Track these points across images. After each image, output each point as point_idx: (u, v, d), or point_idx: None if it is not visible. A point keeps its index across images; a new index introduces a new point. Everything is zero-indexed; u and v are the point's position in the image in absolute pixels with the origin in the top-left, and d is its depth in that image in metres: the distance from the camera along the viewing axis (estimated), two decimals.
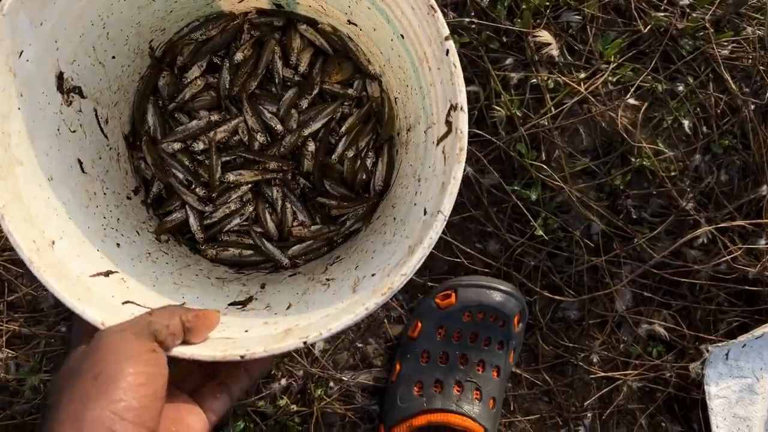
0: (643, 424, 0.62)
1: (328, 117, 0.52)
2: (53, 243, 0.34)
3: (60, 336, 0.59)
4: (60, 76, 0.38)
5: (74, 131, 0.41)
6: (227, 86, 0.51)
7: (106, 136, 0.45)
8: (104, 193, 0.43)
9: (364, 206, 0.52)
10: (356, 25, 0.47)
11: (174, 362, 0.32)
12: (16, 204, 0.33)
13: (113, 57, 0.44)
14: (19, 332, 0.59)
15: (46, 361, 0.59)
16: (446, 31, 0.34)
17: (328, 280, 0.45)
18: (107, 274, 0.37)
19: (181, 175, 0.50)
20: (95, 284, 0.35)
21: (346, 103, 0.52)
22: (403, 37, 0.40)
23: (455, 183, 0.35)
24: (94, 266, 0.36)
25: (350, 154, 0.52)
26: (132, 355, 0.29)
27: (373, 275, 0.39)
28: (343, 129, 0.52)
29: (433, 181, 0.39)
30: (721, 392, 0.61)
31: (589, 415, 0.62)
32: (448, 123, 0.37)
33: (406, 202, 0.44)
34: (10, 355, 0.59)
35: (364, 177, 0.53)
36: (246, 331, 0.37)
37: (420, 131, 0.44)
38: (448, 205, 0.35)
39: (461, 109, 0.35)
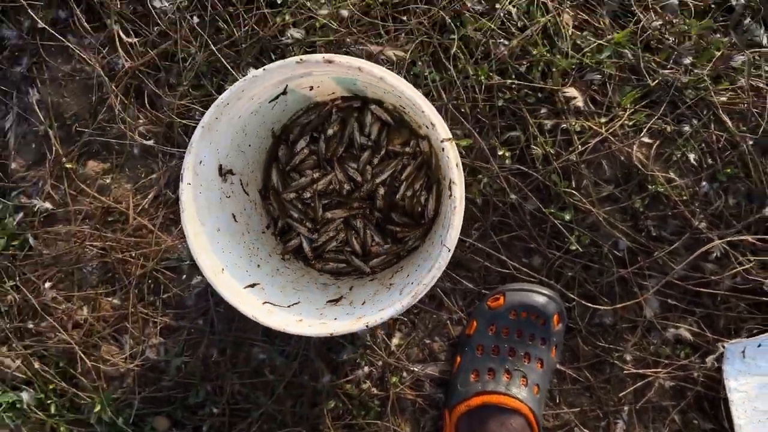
0: (676, 419, 0.68)
1: (392, 169, 0.72)
2: (222, 269, 0.60)
3: (198, 328, 0.73)
4: (220, 167, 0.64)
5: (229, 196, 0.66)
6: (323, 152, 0.73)
7: (247, 194, 0.70)
8: (248, 232, 0.69)
9: (420, 230, 0.72)
10: (404, 107, 0.67)
11: None
12: (202, 250, 0.59)
13: (249, 145, 0.68)
14: (168, 324, 0.74)
15: (187, 347, 0.73)
16: (442, 136, 0.53)
17: (390, 284, 0.66)
18: (253, 285, 0.62)
19: (296, 215, 0.74)
20: (247, 293, 0.60)
21: (405, 158, 0.73)
22: (430, 126, 0.59)
23: (454, 229, 0.54)
24: (245, 281, 0.61)
25: (409, 193, 0.72)
26: None
27: (411, 283, 0.59)
28: (403, 176, 0.72)
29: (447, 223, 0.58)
30: (741, 387, 0.64)
31: (625, 408, 0.68)
32: (450, 188, 0.55)
33: (438, 234, 0.64)
34: (161, 341, 0.73)
35: (419, 209, 0.73)
36: (335, 318, 0.59)
37: (447, 183, 0.63)
38: (449, 242, 0.54)
39: (453, 182, 0.53)
